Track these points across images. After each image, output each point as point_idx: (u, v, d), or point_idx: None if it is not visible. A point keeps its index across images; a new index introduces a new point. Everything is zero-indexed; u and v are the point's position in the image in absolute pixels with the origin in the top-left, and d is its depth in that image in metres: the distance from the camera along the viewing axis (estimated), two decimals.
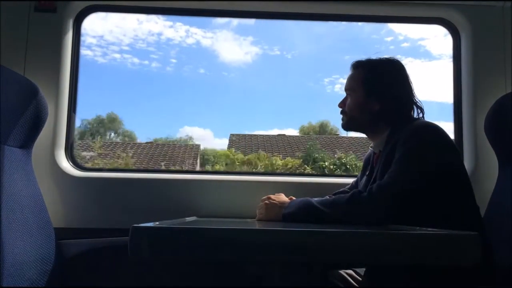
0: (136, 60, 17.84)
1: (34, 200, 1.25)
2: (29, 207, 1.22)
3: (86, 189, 1.54)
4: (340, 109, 1.31)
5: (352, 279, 1.26)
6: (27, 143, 1.27)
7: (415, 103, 1.25)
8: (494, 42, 1.61)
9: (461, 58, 1.67)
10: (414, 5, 1.66)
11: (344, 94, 1.32)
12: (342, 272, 1.29)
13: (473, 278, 0.99)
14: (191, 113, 17.69)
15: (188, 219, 1.24)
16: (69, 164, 1.56)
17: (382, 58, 1.27)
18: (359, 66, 1.28)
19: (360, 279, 1.25)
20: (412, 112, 1.25)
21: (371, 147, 1.32)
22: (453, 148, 1.14)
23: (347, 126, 1.31)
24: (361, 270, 1.26)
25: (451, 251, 0.69)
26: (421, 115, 1.25)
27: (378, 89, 1.22)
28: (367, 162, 1.34)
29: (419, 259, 0.70)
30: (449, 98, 1.72)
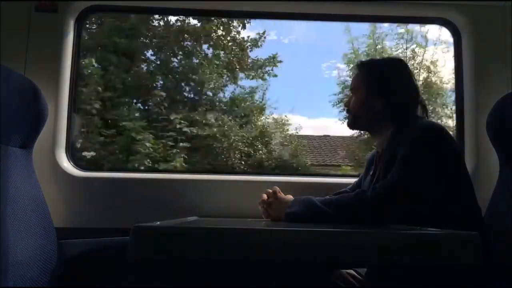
0: None
1: (35, 200, 1.25)
2: (30, 207, 1.22)
3: (87, 189, 1.54)
4: (346, 108, 1.33)
5: (353, 279, 1.26)
6: (27, 143, 1.27)
7: (419, 102, 1.25)
8: (495, 41, 1.61)
9: (462, 58, 1.67)
10: (415, 5, 1.65)
11: None
12: (343, 271, 1.29)
13: (474, 278, 0.99)
14: None
15: (189, 219, 1.24)
16: (70, 164, 1.56)
17: (385, 58, 1.29)
18: (362, 66, 1.30)
19: (361, 278, 1.25)
20: (416, 111, 1.25)
21: (374, 146, 1.32)
22: (456, 148, 1.15)
23: (351, 125, 1.33)
24: (362, 270, 1.26)
25: (451, 251, 0.69)
26: (425, 114, 1.26)
27: (380, 88, 1.23)
28: (370, 162, 1.35)
29: (420, 259, 0.70)
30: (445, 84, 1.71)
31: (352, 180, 1.46)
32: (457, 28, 1.68)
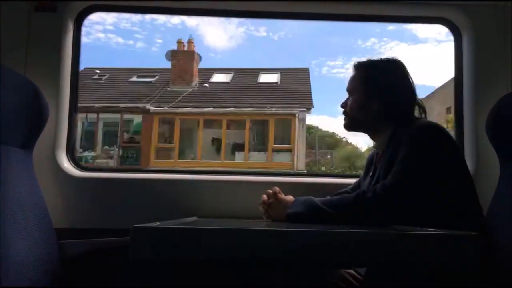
0: (120, 40, 17.82)
1: (35, 200, 1.25)
2: (30, 207, 1.22)
3: (87, 189, 1.54)
4: (343, 109, 1.32)
5: (353, 279, 1.26)
6: (28, 143, 1.27)
7: (417, 103, 1.25)
8: (495, 41, 1.61)
9: (462, 57, 1.67)
10: (415, 4, 1.65)
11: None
12: (343, 271, 1.29)
13: (474, 278, 0.98)
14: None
15: (189, 219, 1.24)
16: (70, 165, 1.56)
17: (383, 58, 1.28)
18: (359, 67, 1.30)
19: (361, 278, 1.25)
20: (413, 112, 1.25)
21: (374, 147, 1.32)
22: (456, 148, 1.15)
23: (349, 127, 1.32)
24: (362, 270, 1.26)
25: (452, 251, 0.69)
26: (423, 114, 1.26)
27: (378, 89, 1.23)
28: (370, 162, 1.35)
29: (420, 259, 0.70)
30: (434, 81, 1.73)
31: (353, 181, 1.46)
32: (457, 28, 1.67)
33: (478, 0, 1.61)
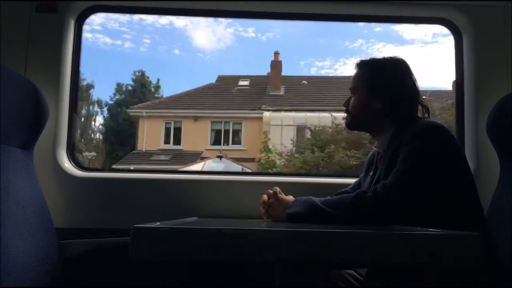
0: (108, 40, 18.02)
1: (35, 200, 1.25)
2: (30, 207, 1.22)
3: (88, 189, 1.54)
4: (345, 108, 1.32)
5: (354, 279, 1.26)
6: (28, 143, 1.28)
7: (420, 102, 1.25)
8: (496, 42, 1.61)
9: (463, 58, 1.67)
10: (415, 5, 1.65)
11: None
12: (343, 272, 1.29)
13: (475, 278, 0.98)
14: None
15: (189, 219, 1.24)
16: (71, 165, 1.56)
17: (386, 57, 1.28)
18: (362, 66, 1.29)
19: (361, 279, 1.25)
20: (416, 111, 1.25)
21: (375, 146, 1.32)
22: (457, 148, 1.14)
23: (350, 125, 1.32)
24: (363, 271, 1.26)
25: (452, 251, 0.69)
26: (426, 114, 1.26)
27: (381, 88, 1.23)
28: (370, 162, 1.34)
29: (420, 259, 0.70)
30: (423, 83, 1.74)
31: (353, 180, 1.46)
32: (458, 28, 1.67)
33: (478, 0, 1.61)
